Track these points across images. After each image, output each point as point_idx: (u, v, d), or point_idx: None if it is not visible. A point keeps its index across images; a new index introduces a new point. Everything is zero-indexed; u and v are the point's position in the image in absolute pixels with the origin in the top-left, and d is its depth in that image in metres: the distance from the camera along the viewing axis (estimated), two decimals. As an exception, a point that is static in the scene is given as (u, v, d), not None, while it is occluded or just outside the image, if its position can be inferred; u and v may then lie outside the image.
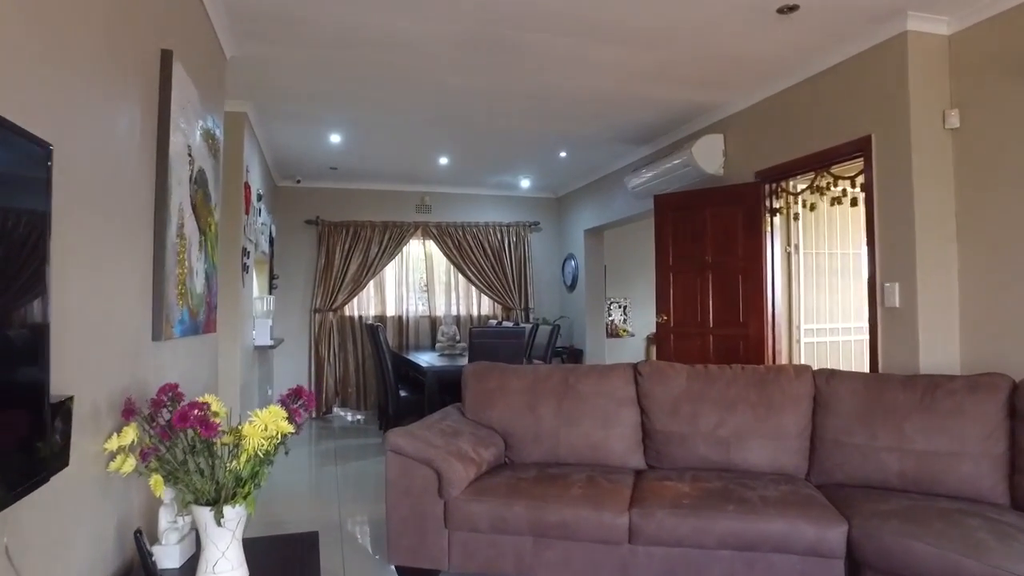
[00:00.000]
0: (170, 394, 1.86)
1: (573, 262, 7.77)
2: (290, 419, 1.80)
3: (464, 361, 5.49)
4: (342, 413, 7.37)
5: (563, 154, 6.25)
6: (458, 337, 6.36)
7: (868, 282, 3.53)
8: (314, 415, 7.15)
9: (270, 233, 6.38)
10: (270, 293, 6.69)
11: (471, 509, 2.69)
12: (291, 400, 1.92)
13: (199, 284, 2.77)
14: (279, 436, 1.72)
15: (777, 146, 4.30)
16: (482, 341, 4.77)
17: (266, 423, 1.67)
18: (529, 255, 8.04)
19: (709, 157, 4.82)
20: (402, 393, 5.65)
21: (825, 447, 2.92)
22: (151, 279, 2.19)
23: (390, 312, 7.65)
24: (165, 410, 1.82)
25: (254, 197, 5.04)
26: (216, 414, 1.72)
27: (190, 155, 2.58)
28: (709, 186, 4.79)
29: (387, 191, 7.66)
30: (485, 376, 3.43)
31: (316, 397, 7.19)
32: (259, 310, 5.80)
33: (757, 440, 3.01)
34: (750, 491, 2.62)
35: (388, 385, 5.65)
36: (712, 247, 4.66)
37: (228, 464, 1.67)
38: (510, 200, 8.13)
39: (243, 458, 1.66)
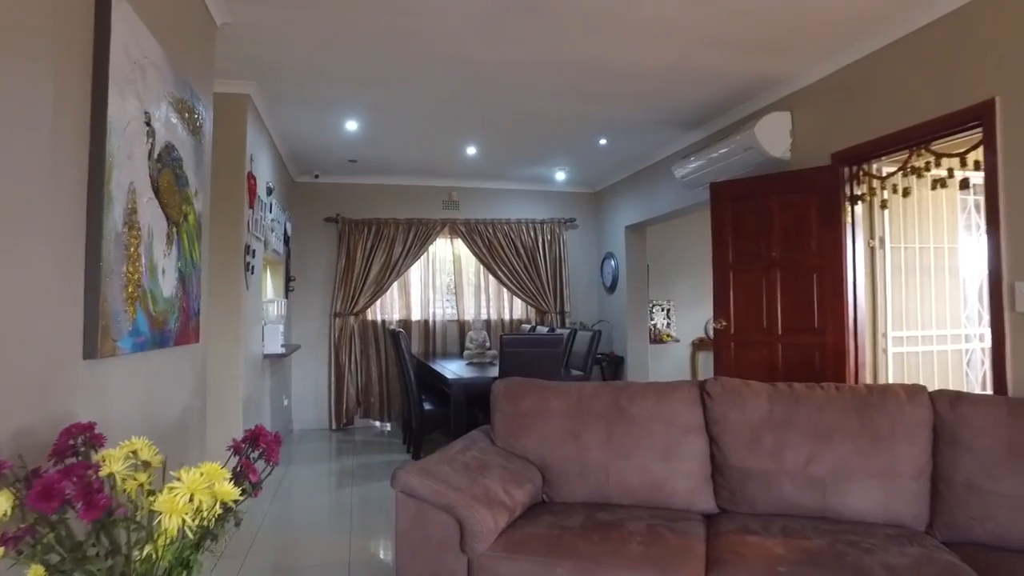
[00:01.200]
0: (81, 438, 1.34)
1: (612, 261, 7.16)
2: (239, 478, 1.26)
3: (494, 371, 4.93)
4: (375, 424, 6.87)
5: (603, 141, 5.65)
6: (488, 343, 5.82)
7: (990, 282, 2.87)
8: (335, 426, 6.67)
9: (285, 231, 5.91)
10: (286, 296, 6.22)
11: (501, 570, 2.12)
12: (247, 447, 1.37)
13: (167, 285, 2.25)
14: (218, 508, 1.17)
15: (859, 123, 3.65)
16: (514, 350, 4.22)
17: (194, 490, 1.12)
18: (565, 254, 7.45)
19: (774, 138, 4.18)
20: (426, 406, 5.11)
21: (954, 492, 2.28)
22: (82, 278, 1.67)
23: (415, 316, 7.14)
24: (77, 459, 1.30)
25: (261, 190, 4.56)
26: (129, 477, 1.18)
27: (149, 125, 2.06)
28: (774, 172, 4.15)
29: (411, 186, 7.16)
30: (519, 395, 2.86)
31: (336, 407, 6.71)
32: (271, 315, 5.32)
33: (862, 481, 2.38)
34: (867, 554, 2.00)
35: (411, 397, 5.12)
36: (780, 241, 4.02)
37: (136, 554, 1.12)
38: (544, 195, 7.55)
39: (161, 543, 1.12)
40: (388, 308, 7.04)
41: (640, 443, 2.64)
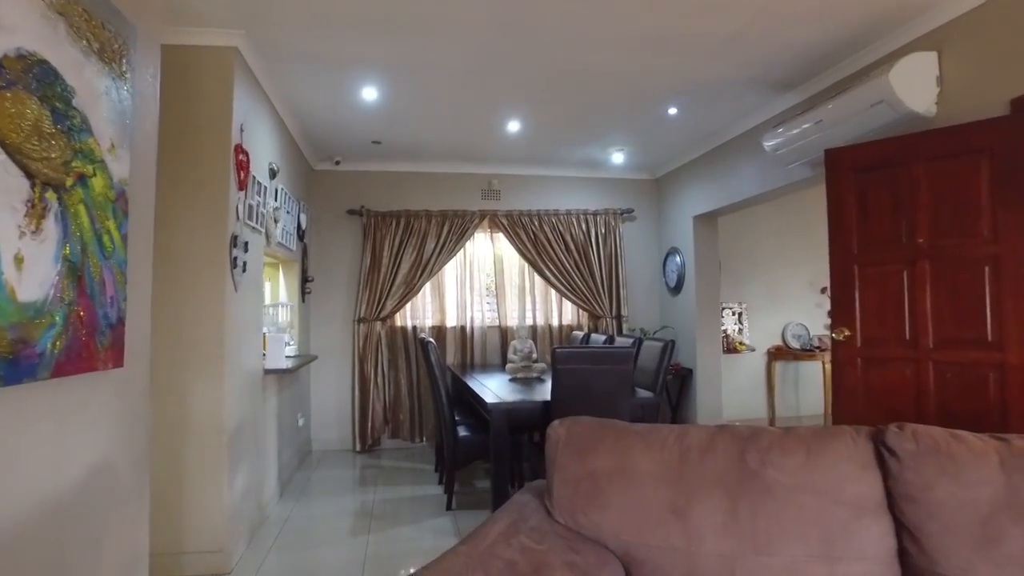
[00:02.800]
0: None
1: (678, 258, 6.15)
2: None
3: (543, 390, 4.00)
4: (408, 443, 6.03)
5: (673, 111, 4.67)
6: (535, 354, 4.90)
7: None
8: (359, 448, 5.83)
9: (299, 224, 5.10)
10: (303, 299, 5.41)
11: None
12: None
13: (31, 283, 1.40)
14: None
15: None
16: (570, 368, 3.28)
17: None
18: (621, 250, 6.47)
19: (916, 87, 3.15)
20: (461, 431, 4.21)
21: None
22: None
23: (450, 322, 6.26)
24: None
25: (259, 170, 3.73)
26: None
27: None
28: (911, 132, 3.12)
29: (445, 174, 6.29)
30: (589, 446, 1.92)
31: (360, 426, 5.87)
32: (278, 321, 4.51)
33: None
34: None
35: (443, 420, 4.23)
36: (929, 224, 2.99)
37: None
38: (597, 183, 6.59)
39: None
40: (419, 313, 6.18)
41: (783, 528, 1.67)
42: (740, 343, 6.68)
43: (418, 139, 5.35)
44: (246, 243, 3.43)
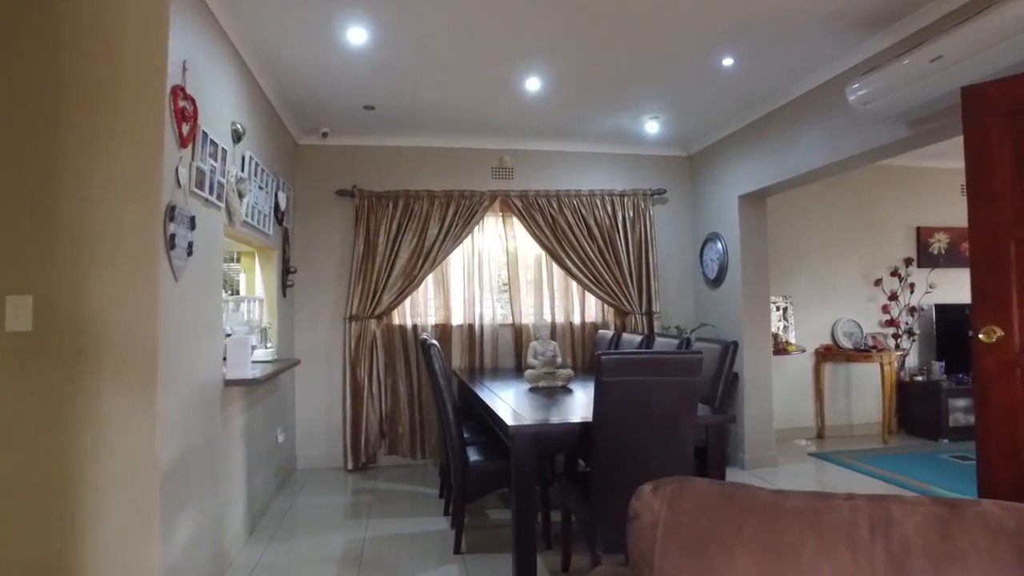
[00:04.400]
0: None
1: (719, 244, 5.32)
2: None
3: (576, 407, 3.19)
4: (408, 459, 5.22)
5: (728, 62, 3.84)
6: (559, 359, 4.09)
7: None
8: (351, 465, 5.02)
9: (276, 205, 4.29)
10: (283, 294, 4.61)
11: None
12: None
13: None
14: None
15: None
16: (621, 381, 2.46)
17: None
18: (652, 236, 5.64)
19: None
20: (472, 455, 3.41)
21: None
22: None
23: (456, 319, 5.44)
24: None
25: (215, 128, 2.91)
26: None
27: None
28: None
29: (449, 149, 5.47)
30: (712, 538, 1.11)
31: (352, 441, 5.06)
32: (245, 320, 3.71)
33: None
34: None
35: (450, 440, 3.41)
36: (1119, 183, 2.17)
37: None
38: (624, 160, 5.76)
39: None
40: (420, 309, 5.37)
41: None
42: (789, 343, 5.86)
43: (417, 103, 4.53)
44: (192, 218, 2.61)
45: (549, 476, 3.46)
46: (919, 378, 6.12)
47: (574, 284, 5.59)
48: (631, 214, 5.60)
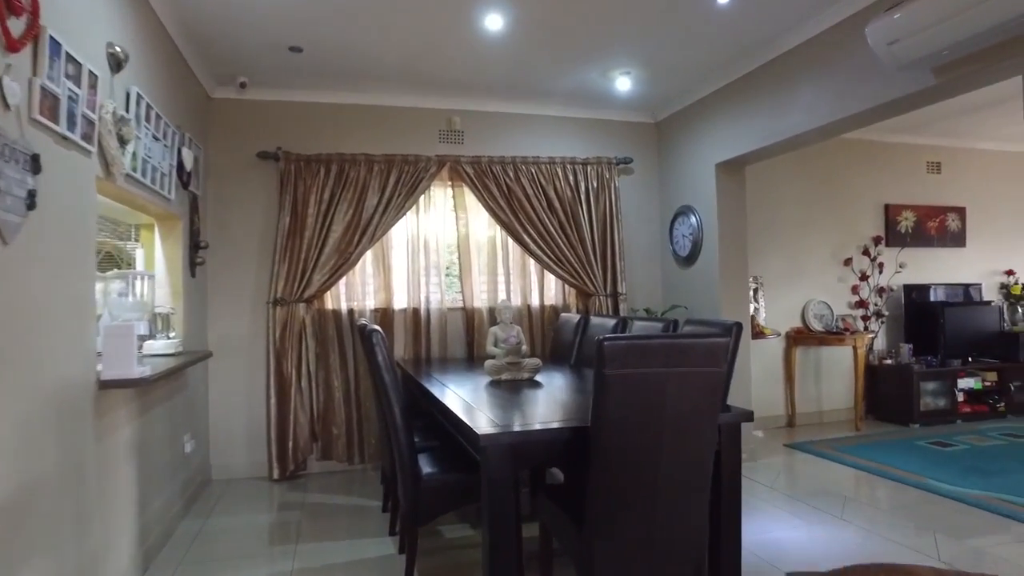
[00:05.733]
0: None
1: (692, 218, 4.83)
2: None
3: (556, 406, 2.60)
4: (344, 465, 4.51)
5: (722, 0, 3.30)
6: (524, 346, 3.50)
7: None
8: (278, 475, 4.30)
9: (179, 164, 3.51)
10: (192, 273, 3.84)
11: None
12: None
13: None
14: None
15: None
16: (630, 374, 1.87)
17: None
18: (618, 209, 5.11)
19: None
20: (425, 467, 2.78)
21: None
22: None
23: (399, 303, 4.77)
24: None
25: (76, 42, 2.15)
26: None
27: None
28: None
29: (392, 108, 4.76)
30: None
31: (279, 446, 4.33)
32: (141, 299, 2.95)
33: None
34: None
35: (398, 449, 2.76)
36: None
37: None
38: (586, 125, 5.19)
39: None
40: (358, 292, 4.66)
41: None
42: (764, 327, 5.46)
43: (353, 48, 3.81)
44: (34, 157, 1.86)
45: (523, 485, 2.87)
46: (888, 361, 5.85)
47: (532, 263, 5.00)
48: (595, 184, 5.05)
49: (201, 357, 3.52)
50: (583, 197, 5.00)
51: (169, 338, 3.34)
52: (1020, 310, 6.45)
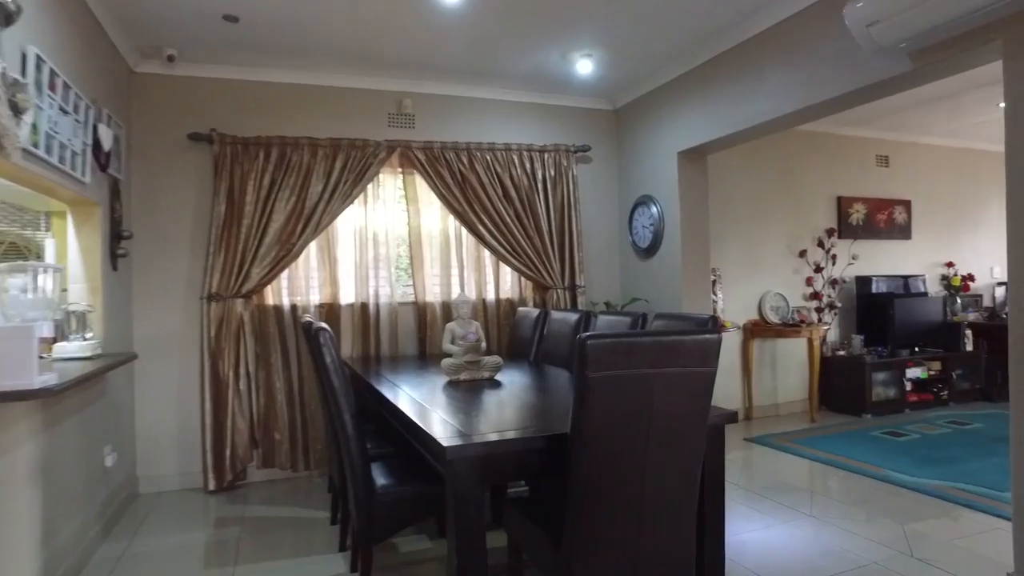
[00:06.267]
0: None
1: (653, 208, 4.70)
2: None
3: (525, 410, 2.39)
4: (289, 472, 4.18)
5: (692, -24, 3.14)
6: (484, 343, 3.28)
7: None
8: (214, 486, 3.95)
9: (95, 142, 3.13)
10: (113, 266, 3.46)
11: None
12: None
13: None
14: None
15: None
16: (615, 376, 1.66)
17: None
18: (576, 199, 4.93)
19: None
20: (379, 479, 2.53)
21: None
22: None
23: (346, 298, 4.47)
24: None
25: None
26: None
27: None
28: None
29: (338, 89, 4.44)
30: None
31: (215, 454, 3.98)
32: (44, 294, 2.59)
33: None
34: None
35: (349, 459, 2.49)
36: None
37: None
38: (543, 111, 4.99)
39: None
40: (301, 285, 4.34)
41: None
42: (724, 320, 5.38)
43: (295, 19, 3.49)
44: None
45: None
46: (841, 353, 5.89)
47: (487, 255, 4.77)
48: (552, 173, 4.85)
49: (124, 360, 3.15)
50: (540, 186, 4.79)
51: (85, 339, 2.97)
52: (959, 301, 6.61)
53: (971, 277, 6.70)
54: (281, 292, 4.27)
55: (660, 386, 1.76)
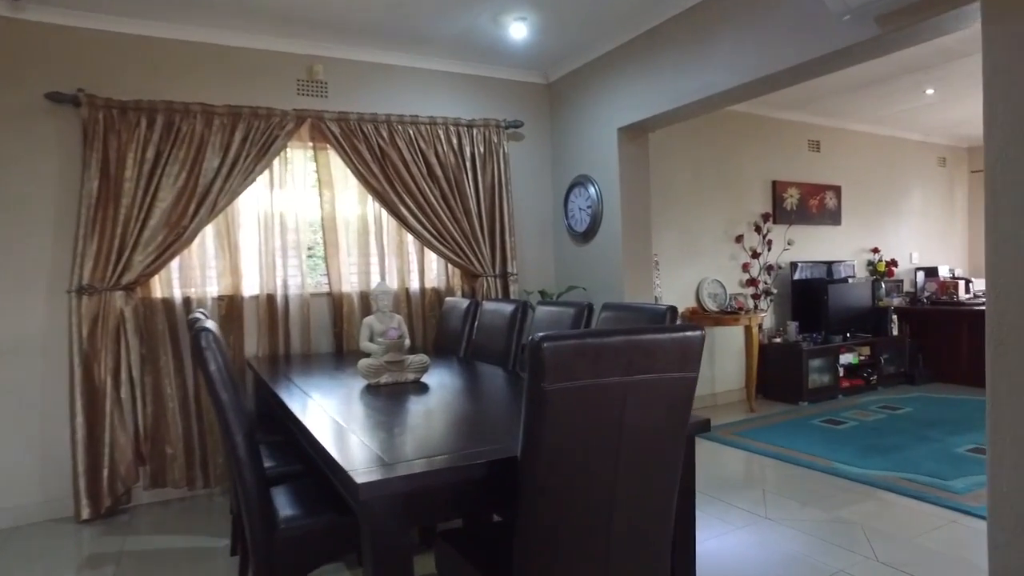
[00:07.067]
0: None
1: (591, 189, 4.37)
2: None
3: (460, 421, 1.99)
4: (185, 492, 3.61)
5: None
6: (407, 340, 2.85)
7: None
8: (89, 514, 3.34)
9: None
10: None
11: None
12: None
13: None
14: None
15: None
16: (578, 387, 1.31)
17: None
18: (507, 178, 4.55)
19: None
20: (284, 508, 2.07)
21: None
22: None
23: (250, 289, 3.93)
24: None
25: None
26: None
27: None
28: None
29: (237, 48, 3.86)
30: None
31: (89, 477, 3.37)
32: None
33: None
34: None
35: (242, 487, 2.01)
36: None
37: None
38: (473, 83, 4.56)
39: None
40: (196, 275, 3.76)
41: None
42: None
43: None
44: None
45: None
46: (777, 340, 5.79)
47: (410, 240, 4.33)
48: (481, 149, 4.44)
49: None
50: (468, 164, 4.38)
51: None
52: (884, 286, 6.67)
53: (895, 263, 6.77)
54: (172, 283, 3.68)
55: (634, 398, 1.40)
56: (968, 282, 6.92)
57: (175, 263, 3.67)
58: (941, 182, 7.54)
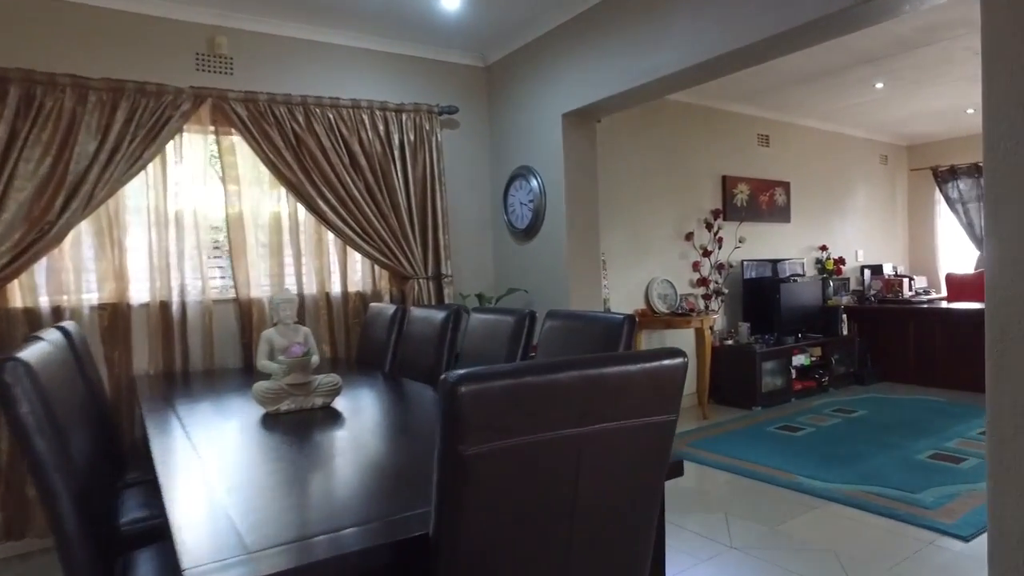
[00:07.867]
0: None
1: (533, 182, 3.97)
2: None
3: (371, 468, 1.55)
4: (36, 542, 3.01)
5: None
6: (315, 356, 2.37)
7: None
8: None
9: None
10: None
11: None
12: None
13: None
14: None
15: None
16: (513, 447, 0.92)
17: None
18: (441, 169, 4.10)
19: None
20: (134, 587, 1.57)
21: None
22: None
23: (139, 296, 3.36)
24: None
25: None
26: None
27: None
28: None
29: (123, 12, 3.28)
30: None
31: (-75, 526, 2.76)
32: None
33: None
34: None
35: (68, 568, 1.51)
36: None
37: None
38: (402, 63, 4.09)
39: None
40: (69, 281, 3.17)
41: None
42: (613, 311, 4.78)
43: None
44: None
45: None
46: (728, 342, 5.53)
47: (331, 238, 3.83)
48: (412, 137, 3.98)
49: None
50: (397, 153, 3.91)
51: None
52: (832, 284, 6.52)
53: (842, 260, 6.64)
54: (36, 289, 3.08)
55: (592, 458, 0.99)
56: (911, 280, 6.87)
57: (41, 265, 3.07)
58: (883, 179, 7.48)
